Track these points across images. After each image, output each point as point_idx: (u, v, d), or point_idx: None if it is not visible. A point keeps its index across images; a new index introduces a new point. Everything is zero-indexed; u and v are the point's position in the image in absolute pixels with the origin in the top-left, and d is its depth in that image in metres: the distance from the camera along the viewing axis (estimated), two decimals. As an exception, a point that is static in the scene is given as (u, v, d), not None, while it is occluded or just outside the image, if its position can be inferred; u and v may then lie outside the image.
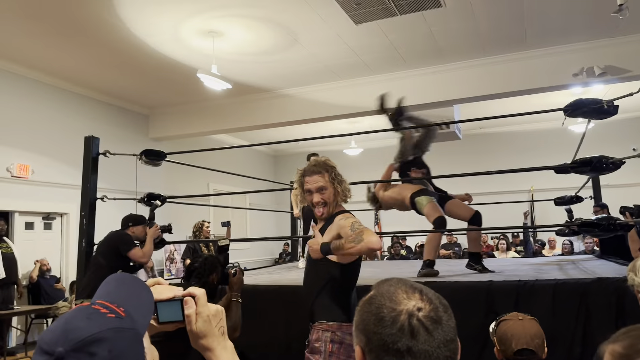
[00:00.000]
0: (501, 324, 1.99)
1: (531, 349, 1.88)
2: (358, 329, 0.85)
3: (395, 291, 0.85)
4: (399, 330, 0.79)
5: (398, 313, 0.81)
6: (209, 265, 2.99)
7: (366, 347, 0.82)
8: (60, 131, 7.33)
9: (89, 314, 0.74)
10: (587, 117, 3.07)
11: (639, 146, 8.69)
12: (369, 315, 0.83)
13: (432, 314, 0.82)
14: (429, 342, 0.79)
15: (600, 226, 2.74)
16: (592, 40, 6.43)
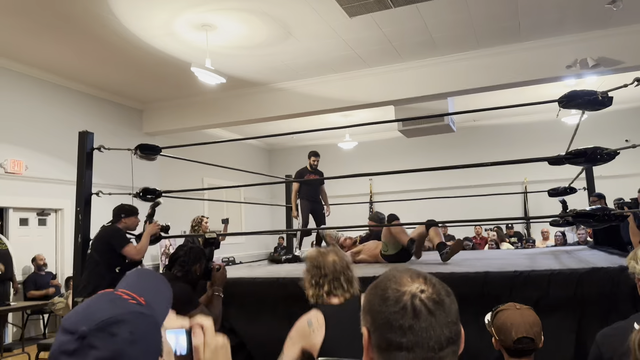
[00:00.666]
0: (499, 314, 2.00)
1: (531, 337, 1.90)
2: (365, 311, 0.89)
3: (401, 275, 0.89)
4: (401, 309, 0.83)
5: (402, 293, 0.84)
6: (193, 255, 2.96)
7: (371, 327, 0.86)
8: (53, 127, 7.29)
9: (111, 299, 0.78)
10: (581, 109, 3.08)
11: (632, 137, 8.76)
12: (375, 296, 0.87)
13: (434, 296, 0.85)
14: (430, 322, 0.82)
15: (595, 217, 2.76)
16: (586, 32, 6.46)
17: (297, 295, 3.02)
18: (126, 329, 0.73)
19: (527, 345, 1.91)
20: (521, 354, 1.94)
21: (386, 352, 0.83)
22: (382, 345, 0.83)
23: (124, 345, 0.71)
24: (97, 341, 0.71)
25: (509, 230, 10.45)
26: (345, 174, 4.55)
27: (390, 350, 0.82)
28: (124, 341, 0.72)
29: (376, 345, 0.84)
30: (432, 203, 7.65)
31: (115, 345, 0.71)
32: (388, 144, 12.20)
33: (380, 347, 0.83)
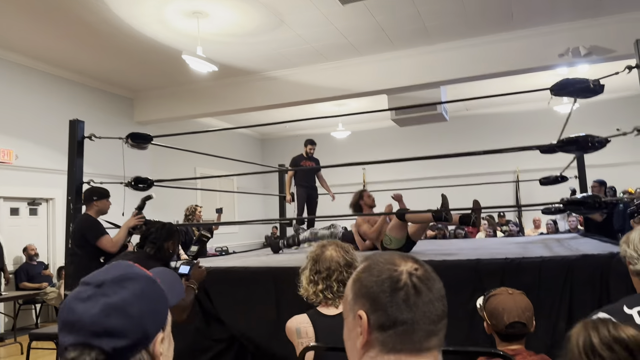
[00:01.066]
0: (491, 299, 2.02)
1: (522, 322, 1.92)
2: (359, 295, 0.90)
3: (392, 257, 0.93)
4: (403, 287, 0.87)
5: (400, 273, 0.88)
6: (165, 231, 2.85)
7: (370, 308, 0.87)
8: (43, 115, 7.22)
9: (129, 265, 0.89)
10: (573, 96, 3.09)
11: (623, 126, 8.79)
12: (370, 280, 0.89)
13: (426, 274, 0.90)
14: (429, 297, 0.88)
15: (586, 204, 2.78)
16: (578, 21, 6.46)
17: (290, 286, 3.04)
18: (137, 285, 0.84)
19: (519, 330, 1.93)
20: (513, 339, 1.95)
21: (391, 329, 0.85)
22: (387, 324, 0.86)
23: (132, 298, 0.81)
24: (109, 290, 0.81)
25: (501, 219, 10.51)
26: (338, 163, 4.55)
27: (396, 326, 0.85)
28: (133, 294, 0.82)
29: (378, 326, 0.86)
30: (425, 192, 7.65)
31: (124, 295, 0.81)
32: (381, 133, 12.20)
33: (384, 326, 0.86)
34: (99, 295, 0.81)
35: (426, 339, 0.86)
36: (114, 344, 0.78)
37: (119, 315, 0.79)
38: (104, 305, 0.79)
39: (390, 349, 0.86)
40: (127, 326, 0.79)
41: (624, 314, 1.61)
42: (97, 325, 0.78)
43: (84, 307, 0.80)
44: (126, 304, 0.80)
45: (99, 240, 3.71)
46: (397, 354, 0.85)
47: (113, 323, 0.79)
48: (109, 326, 0.78)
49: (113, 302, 0.80)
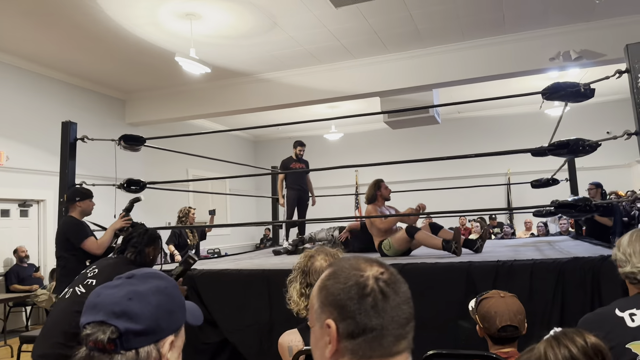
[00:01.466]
0: (483, 302, 2.03)
1: (515, 325, 1.93)
2: (325, 303, 0.89)
3: (357, 262, 0.92)
4: (370, 292, 0.86)
5: (366, 278, 0.88)
6: (147, 236, 2.80)
7: (339, 317, 0.86)
8: (35, 116, 7.17)
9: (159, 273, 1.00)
10: (564, 100, 3.12)
11: (613, 129, 8.88)
12: (337, 287, 0.88)
13: (392, 277, 0.90)
14: (396, 301, 0.87)
15: (577, 207, 2.80)
16: (569, 25, 6.52)
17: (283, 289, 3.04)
18: (162, 282, 0.93)
19: (511, 333, 1.94)
20: (505, 342, 1.97)
21: (360, 337, 0.85)
22: (356, 331, 0.85)
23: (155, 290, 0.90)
24: (136, 281, 0.92)
25: (492, 221, 10.56)
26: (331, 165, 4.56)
27: (365, 333, 0.84)
28: (157, 287, 0.91)
29: (348, 334, 0.85)
30: (418, 194, 7.69)
31: (148, 286, 0.91)
32: (374, 135, 12.23)
33: (353, 334, 0.85)
34: (126, 284, 0.91)
35: (395, 343, 0.86)
36: (128, 325, 0.85)
37: (140, 301, 0.87)
38: (128, 291, 0.89)
39: (360, 356, 0.85)
40: (145, 312, 0.87)
41: (615, 317, 1.62)
42: (118, 306, 0.87)
43: (110, 292, 0.89)
44: (148, 293, 0.89)
45: (83, 242, 3.62)
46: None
47: (132, 306, 0.87)
48: (128, 308, 0.86)
49: (137, 289, 0.89)
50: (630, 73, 2.74)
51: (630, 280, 1.73)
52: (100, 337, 0.84)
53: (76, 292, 2.52)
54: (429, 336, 2.78)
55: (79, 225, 3.71)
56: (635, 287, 1.72)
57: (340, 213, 10.95)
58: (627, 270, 1.73)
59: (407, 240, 4.14)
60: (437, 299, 2.83)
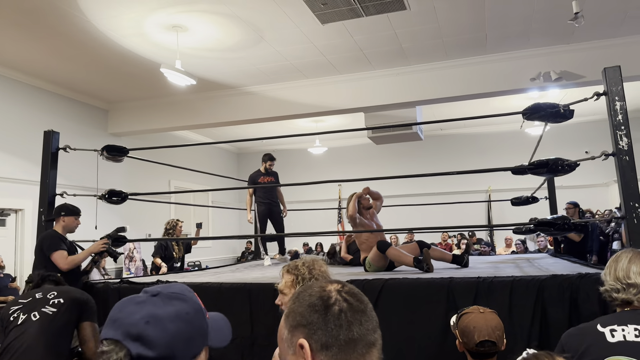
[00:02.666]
0: (463, 316, 2.05)
1: (493, 340, 1.96)
2: (293, 327, 0.90)
3: (318, 283, 0.96)
4: (335, 302, 0.89)
5: (328, 292, 0.91)
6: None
7: (309, 334, 0.87)
8: (15, 124, 7.07)
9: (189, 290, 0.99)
10: (544, 121, 3.19)
11: (591, 149, 9.07)
12: (302, 306, 0.91)
13: (352, 289, 0.94)
14: (361, 308, 0.90)
15: (556, 225, 2.86)
16: (549, 46, 6.68)
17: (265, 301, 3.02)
18: (185, 306, 0.91)
19: (489, 349, 1.97)
20: (483, 357, 1.99)
21: (334, 347, 0.86)
22: (329, 341, 0.86)
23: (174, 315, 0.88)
24: (159, 302, 0.90)
25: (472, 238, 10.66)
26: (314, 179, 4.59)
27: (338, 341, 0.86)
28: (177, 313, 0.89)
29: (322, 346, 0.86)
30: (399, 210, 7.74)
31: (169, 310, 0.88)
32: (358, 150, 12.30)
33: (326, 345, 0.86)
34: (149, 304, 0.89)
35: (368, 351, 0.87)
36: (141, 351, 0.84)
37: (156, 326, 0.86)
38: (148, 313, 0.87)
39: None
40: (159, 340, 0.85)
41: (597, 332, 1.67)
42: (135, 328, 0.86)
43: (132, 310, 0.88)
44: (167, 319, 0.87)
45: (52, 254, 3.58)
46: None
47: (149, 331, 0.85)
48: (144, 333, 0.85)
49: (156, 313, 0.87)
50: (608, 95, 2.83)
51: (607, 299, 1.79)
52: (114, 358, 0.84)
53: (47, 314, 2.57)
54: (410, 350, 2.79)
55: (54, 238, 3.68)
56: (616, 305, 1.78)
57: (323, 227, 10.96)
58: (603, 289, 1.80)
59: (382, 257, 4.17)
60: (418, 314, 2.84)
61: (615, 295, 1.74)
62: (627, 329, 1.64)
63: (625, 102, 2.82)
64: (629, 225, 2.67)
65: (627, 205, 2.68)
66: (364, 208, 4.72)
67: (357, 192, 4.75)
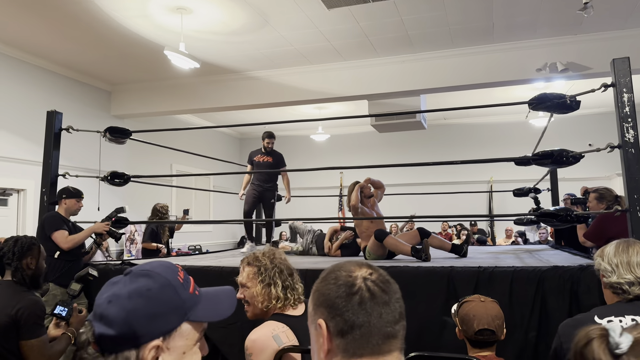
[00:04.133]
0: (463, 305, 2.06)
1: (492, 329, 1.96)
2: (317, 304, 0.93)
3: (347, 265, 0.96)
4: (357, 291, 0.90)
5: (354, 278, 0.91)
6: (19, 247, 2.47)
7: (329, 316, 0.89)
8: (17, 104, 7.05)
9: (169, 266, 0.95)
10: (550, 111, 3.17)
11: (595, 142, 9.03)
12: (327, 288, 0.92)
13: (381, 277, 0.94)
14: (384, 299, 0.90)
15: (559, 216, 2.85)
16: (557, 37, 6.62)
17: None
18: (148, 283, 0.88)
19: (488, 337, 1.97)
20: (482, 345, 2.00)
21: (349, 334, 0.87)
22: (345, 329, 0.87)
23: (134, 293, 0.86)
24: (127, 281, 0.89)
25: (473, 228, 10.68)
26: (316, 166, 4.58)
27: (353, 330, 0.87)
28: (137, 290, 0.87)
29: (339, 332, 0.88)
30: (400, 198, 7.74)
31: (130, 288, 0.87)
32: (360, 138, 12.27)
33: (342, 331, 0.87)
34: (119, 284, 0.89)
35: (385, 342, 0.88)
36: (102, 330, 0.84)
37: (116, 306, 0.85)
38: (111, 293, 0.87)
39: (351, 354, 0.87)
40: (117, 318, 0.84)
41: (594, 323, 1.66)
42: (99, 308, 0.87)
43: (104, 290, 0.89)
44: (125, 297, 0.86)
45: (53, 233, 3.63)
46: (359, 359, 0.87)
47: (110, 310, 0.85)
48: (106, 312, 0.85)
49: (119, 292, 0.87)
50: (616, 87, 2.80)
51: (614, 290, 1.76)
52: (83, 338, 0.86)
53: None
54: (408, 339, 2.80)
55: (55, 217, 3.73)
56: (616, 296, 1.76)
57: (323, 214, 10.96)
58: (613, 281, 1.76)
59: (380, 246, 4.18)
60: (418, 303, 2.85)
61: (629, 289, 1.72)
62: (624, 320, 1.65)
63: (633, 94, 2.80)
64: (632, 218, 2.66)
65: (631, 198, 2.68)
66: (365, 197, 4.72)
67: (359, 181, 4.74)
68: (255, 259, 2.07)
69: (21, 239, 2.54)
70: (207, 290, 1.00)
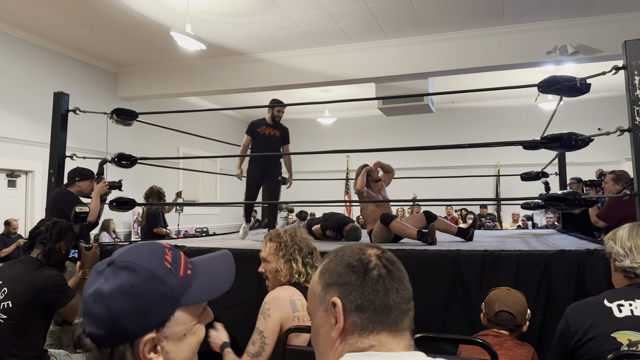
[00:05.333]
0: (491, 292, 2.12)
1: (511, 313, 1.98)
2: (328, 284, 0.90)
3: (357, 245, 0.95)
4: (374, 267, 0.89)
5: (368, 256, 0.91)
6: (57, 230, 2.59)
7: (344, 293, 0.87)
8: (24, 86, 7.06)
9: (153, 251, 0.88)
10: (560, 94, 3.13)
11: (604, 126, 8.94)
12: (341, 265, 0.90)
13: (392, 257, 0.94)
14: (398, 276, 0.90)
15: (566, 200, 2.83)
16: (567, 19, 6.51)
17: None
18: (131, 278, 0.82)
19: (506, 318, 1.99)
20: (501, 328, 2.03)
21: (369, 310, 0.86)
22: (365, 304, 0.86)
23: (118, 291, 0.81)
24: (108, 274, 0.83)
25: (483, 210, 10.68)
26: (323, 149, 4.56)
27: (374, 304, 0.86)
28: (120, 288, 0.81)
29: (355, 307, 0.86)
30: (407, 182, 7.71)
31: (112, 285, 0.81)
32: (367, 121, 12.21)
33: (361, 307, 0.86)
34: (101, 276, 0.84)
35: (402, 318, 0.87)
36: (91, 329, 0.81)
37: (101, 305, 0.80)
38: (95, 289, 0.82)
39: (370, 330, 0.85)
40: (103, 318, 0.80)
41: (603, 307, 1.66)
42: (85, 305, 0.82)
43: (90, 281, 0.85)
44: (108, 296, 0.80)
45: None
46: (377, 335, 0.85)
47: (95, 309, 0.81)
48: (91, 310, 0.81)
49: (102, 289, 0.81)
50: (627, 70, 2.76)
51: (627, 274, 1.74)
52: (77, 333, 0.83)
53: None
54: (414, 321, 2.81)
55: (71, 195, 3.71)
56: (627, 280, 1.75)
57: (330, 198, 10.98)
58: (627, 265, 1.74)
59: (386, 229, 4.18)
60: (424, 286, 2.86)
61: None
62: (634, 303, 1.64)
63: (645, 77, 2.75)
64: (640, 202, 2.64)
65: (640, 183, 2.65)
66: (372, 180, 4.69)
67: (366, 164, 4.70)
68: (277, 236, 2.19)
69: (60, 222, 2.65)
70: (201, 262, 0.94)
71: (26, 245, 2.63)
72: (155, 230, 6.53)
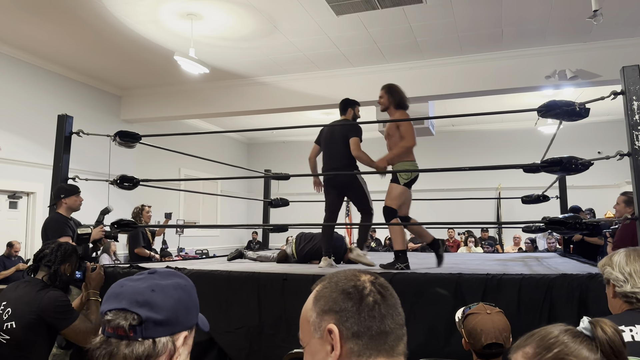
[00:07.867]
0: (469, 317, 2.05)
1: (500, 343, 1.95)
2: (323, 311, 0.89)
3: (349, 272, 0.95)
4: (369, 293, 0.90)
5: (362, 282, 0.92)
6: (61, 252, 2.62)
7: (341, 320, 0.87)
8: (28, 108, 7.12)
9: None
10: (559, 119, 3.15)
11: (604, 149, 8.98)
12: (335, 293, 0.90)
13: (384, 283, 0.95)
14: (392, 301, 0.92)
15: (567, 224, 2.83)
16: (566, 44, 6.60)
17: (272, 292, 3.04)
18: (181, 280, 0.99)
19: (497, 350, 1.97)
20: (489, 357, 1.99)
21: (365, 336, 0.86)
22: (361, 330, 0.86)
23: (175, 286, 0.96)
24: (159, 277, 0.98)
25: (484, 234, 10.64)
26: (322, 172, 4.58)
27: (370, 331, 0.86)
28: (177, 284, 0.97)
29: (353, 334, 0.86)
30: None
31: (170, 282, 0.97)
32: (368, 144, 12.13)
33: (358, 333, 0.86)
34: (149, 279, 0.97)
35: (397, 344, 0.88)
36: (149, 314, 0.91)
37: (162, 293, 0.94)
38: (152, 283, 0.95)
39: (367, 356, 0.85)
40: (166, 304, 0.93)
41: None
42: (141, 296, 0.92)
43: (133, 284, 0.95)
44: (170, 287, 0.96)
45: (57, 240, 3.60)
46: None
47: (155, 297, 0.93)
48: (151, 299, 0.92)
49: (160, 283, 0.95)
50: (625, 95, 2.79)
51: (628, 299, 1.73)
52: (122, 323, 0.89)
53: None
54: (416, 345, 2.79)
55: (58, 222, 3.75)
56: (628, 305, 1.73)
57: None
58: (628, 290, 1.72)
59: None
60: (426, 309, 2.84)
61: None
62: (634, 329, 1.62)
63: (643, 102, 2.78)
64: (641, 226, 2.64)
65: (641, 207, 2.65)
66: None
67: None
68: None
69: (64, 244, 2.68)
70: None
71: (30, 268, 2.65)
72: (136, 250, 6.43)
